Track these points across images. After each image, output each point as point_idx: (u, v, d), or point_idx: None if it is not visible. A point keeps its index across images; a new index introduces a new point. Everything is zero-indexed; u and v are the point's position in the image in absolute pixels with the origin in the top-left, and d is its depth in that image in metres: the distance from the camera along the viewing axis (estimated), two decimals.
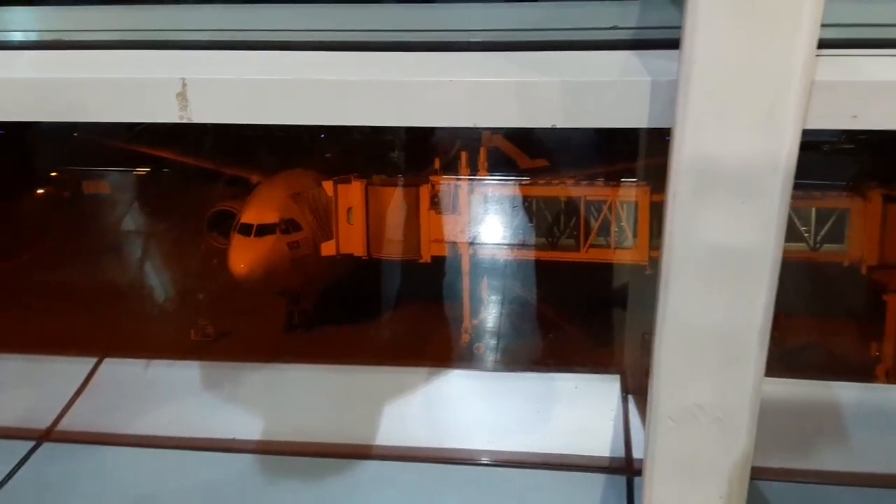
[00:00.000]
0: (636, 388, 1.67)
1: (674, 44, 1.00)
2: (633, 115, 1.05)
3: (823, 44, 0.98)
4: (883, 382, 2.51)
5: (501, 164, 2.94)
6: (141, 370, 1.84)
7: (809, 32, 0.93)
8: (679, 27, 0.98)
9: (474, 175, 2.82)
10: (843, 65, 1.03)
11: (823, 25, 0.95)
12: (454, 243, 2.82)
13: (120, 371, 1.84)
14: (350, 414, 1.78)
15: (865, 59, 1.06)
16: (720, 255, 1.03)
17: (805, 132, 1.02)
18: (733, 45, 0.93)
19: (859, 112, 1.02)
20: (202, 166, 3.13)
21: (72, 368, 1.82)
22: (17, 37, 1.25)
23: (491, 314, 2.94)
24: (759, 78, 0.94)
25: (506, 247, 2.84)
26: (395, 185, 2.80)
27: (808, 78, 0.96)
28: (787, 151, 0.97)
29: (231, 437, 1.67)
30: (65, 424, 1.72)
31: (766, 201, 1.00)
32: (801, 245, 2.58)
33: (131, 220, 3.34)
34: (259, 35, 1.19)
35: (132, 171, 3.36)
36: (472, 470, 1.61)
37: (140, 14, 1.26)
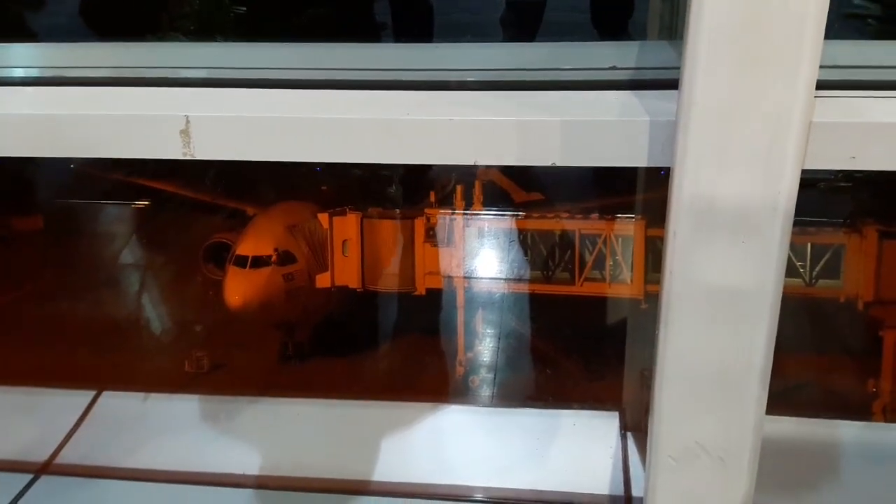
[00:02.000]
0: (635, 425, 1.66)
1: (672, 84, 1.01)
2: (632, 155, 1.06)
3: (822, 85, 0.99)
4: (880, 419, 2.51)
5: (497, 198, 2.96)
6: (139, 403, 1.83)
7: (808, 74, 0.94)
8: (677, 68, 0.99)
9: (469, 208, 2.84)
10: (841, 106, 1.04)
11: (822, 67, 0.96)
12: (449, 276, 2.83)
13: (118, 404, 1.83)
14: (345, 449, 1.77)
15: (864, 100, 1.07)
16: (720, 294, 1.03)
17: (803, 171, 1.03)
18: (732, 86, 0.94)
19: (857, 153, 1.03)
20: (198, 199, 3.14)
21: (70, 401, 1.81)
22: (20, 73, 1.25)
23: (486, 348, 2.94)
24: (758, 119, 0.95)
25: (501, 280, 2.85)
26: (391, 217, 2.82)
27: (806, 119, 0.97)
28: (786, 192, 0.98)
29: (228, 471, 1.66)
30: (63, 457, 1.71)
31: (766, 241, 1.00)
32: (798, 281, 2.60)
33: (129, 253, 3.34)
34: (262, 73, 1.20)
35: (129, 203, 3.37)
36: None
37: (143, 51, 1.27)
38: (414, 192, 3.01)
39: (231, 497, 1.61)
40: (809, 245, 2.61)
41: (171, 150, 1.09)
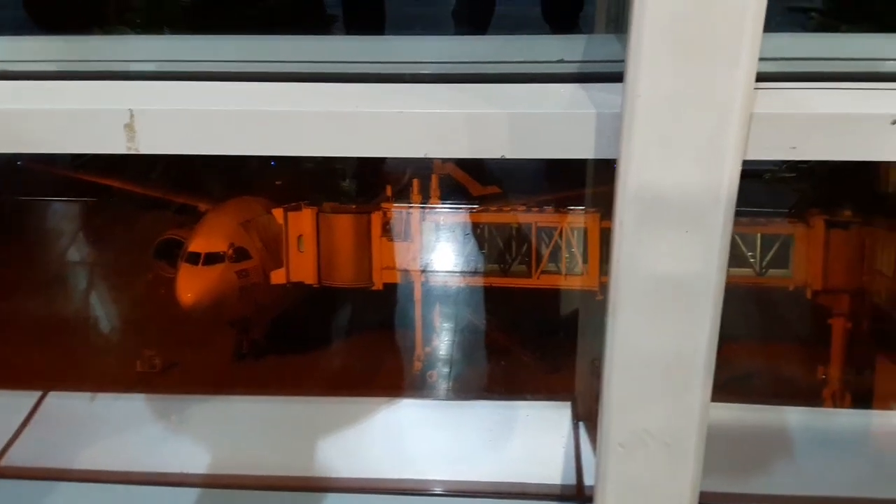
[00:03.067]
0: (587, 415, 1.68)
1: (619, 77, 1.02)
2: (579, 147, 1.07)
3: (763, 77, 1.01)
4: (829, 405, 2.56)
5: (453, 192, 2.96)
6: (86, 403, 1.80)
7: (748, 66, 0.96)
8: (623, 60, 1.01)
9: (426, 202, 2.83)
10: (781, 97, 1.07)
11: (763, 59, 0.98)
12: (406, 271, 2.82)
13: (65, 405, 1.80)
14: (301, 445, 1.76)
15: (804, 91, 1.09)
16: (665, 283, 1.05)
17: (747, 162, 1.05)
18: (674, 78, 0.96)
19: (798, 143, 1.05)
20: (149, 194, 3.09)
21: (15, 402, 1.78)
22: None
23: (444, 342, 2.94)
24: (700, 111, 0.97)
25: (458, 274, 2.85)
26: (347, 212, 2.80)
27: (747, 110, 0.99)
28: (727, 182, 1.00)
29: (179, 470, 1.65)
30: (9, 459, 1.68)
31: (709, 230, 1.02)
32: (748, 270, 2.64)
33: (77, 251, 3.28)
34: (209, 66, 1.19)
35: (78, 200, 3.31)
36: (423, 500, 1.60)
37: (88, 44, 1.25)
38: (370, 186, 3.00)
39: (184, 497, 1.60)
40: (759, 235, 2.64)
41: (116, 144, 1.07)
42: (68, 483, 1.60)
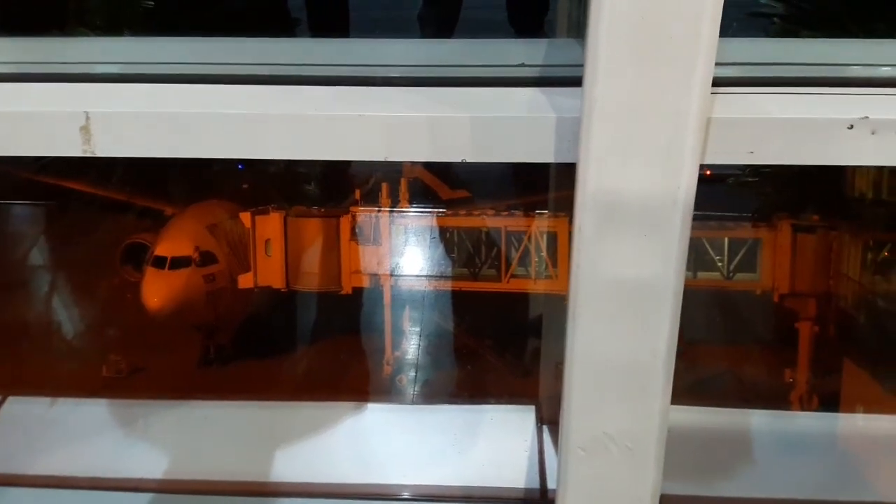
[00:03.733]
0: (551, 418, 1.68)
1: (579, 81, 1.03)
2: (539, 151, 1.07)
3: (720, 82, 1.02)
4: (797, 408, 2.59)
5: (422, 196, 2.95)
6: (46, 408, 1.78)
7: (705, 71, 0.96)
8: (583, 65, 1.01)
9: (395, 206, 2.83)
10: (738, 102, 1.07)
11: (720, 64, 0.98)
12: (375, 275, 2.81)
13: (24, 409, 1.78)
14: (267, 451, 1.75)
15: (760, 96, 1.10)
16: (624, 286, 1.05)
17: (711, 166, 1.06)
18: (631, 83, 0.96)
19: (755, 148, 1.06)
20: (114, 198, 3.06)
21: None
22: None
23: (412, 346, 2.94)
24: (657, 115, 0.97)
25: (427, 278, 2.85)
26: (315, 216, 2.79)
27: (704, 115, 0.99)
28: (685, 186, 1.00)
29: (142, 475, 1.63)
30: None
31: (667, 234, 1.02)
32: (715, 274, 2.66)
33: (39, 255, 3.23)
34: (166, 68, 1.18)
35: (40, 203, 3.26)
36: None
37: (44, 46, 1.24)
38: (337, 189, 2.99)
39: (146, 502, 1.58)
40: (726, 240, 2.67)
41: (71, 147, 1.06)
42: (26, 489, 1.58)
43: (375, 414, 1.80)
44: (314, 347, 3.12)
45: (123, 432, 1.75)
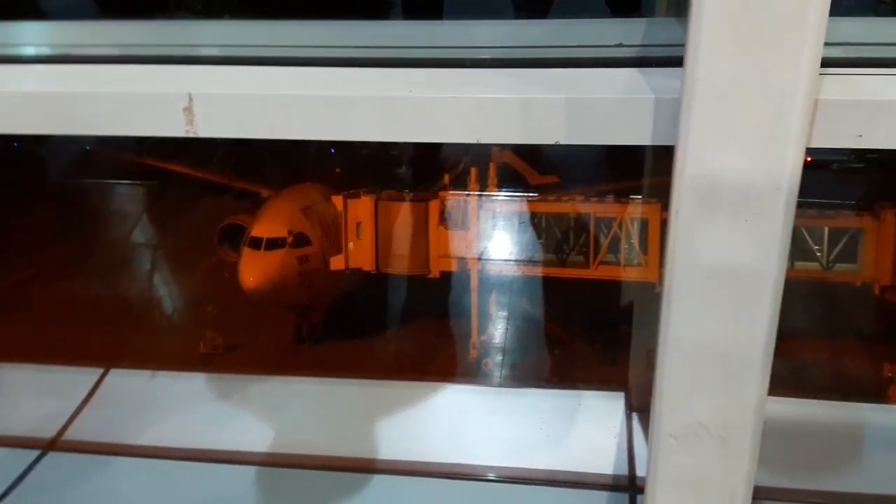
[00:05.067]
0: (641, 406, 1.66)
1: (678, 62, 1.00)
2: (636, 133, 1.05)
3: (828, 62, 0.98)
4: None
5: (511, 181, 2.94)
6: (146, 381, 1.85)
7: (813, 51, 0.93)
8: (683, 45, 0.98)
9: (484, 191, 2.82)
10: (847, 84, 1.03)
11: (827, 44, 0.95)
12: (463, 259, 2.82)
13: (126, 382, 1.85)
14: (356, 427, 1.78)
15: (870, 77, 1.06)
16: (723, 273, 1.03)
17: (813, 151, 1.02)
18: (736, 63, 0.93)
19: (864, 131, 1.02)
20: (213, 180, 3.15)
21: (78, 378, 1.83)
22: (27, 51, 1.26)
23: (499, 330, 2.94)
24: (762, 96, 0.94)
25: (515, 263, 2.84)
26: (405, 200, 2.81)
27: (811, 97, 0.96)
28: (790, 170, 0.97)
29: (236, 448, 1.68)
30: (70, 434, 1.73)
31: (769, 220, 0.99)
32: (814, 265, 2.57)
33: (141, 233, 3.36)
34: (267, 51, 1.20)
35: (143, 183, 3.39)
36: (477, 485, 1.60)
37: (148, 29, 1.28)
38: (427, 174, 3.00)
39: (239, 474, 1.63)
40: (826, 229, 2.58)
41: (175, 128, 1.09)
42: (127, 458, 1.65)
43: (464, 395, 1.81)
44: (402, 329, 3.15)
45: (220, 405, 1.80)
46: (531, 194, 2.83)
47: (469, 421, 1.76)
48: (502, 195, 2.83)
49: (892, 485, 1.53)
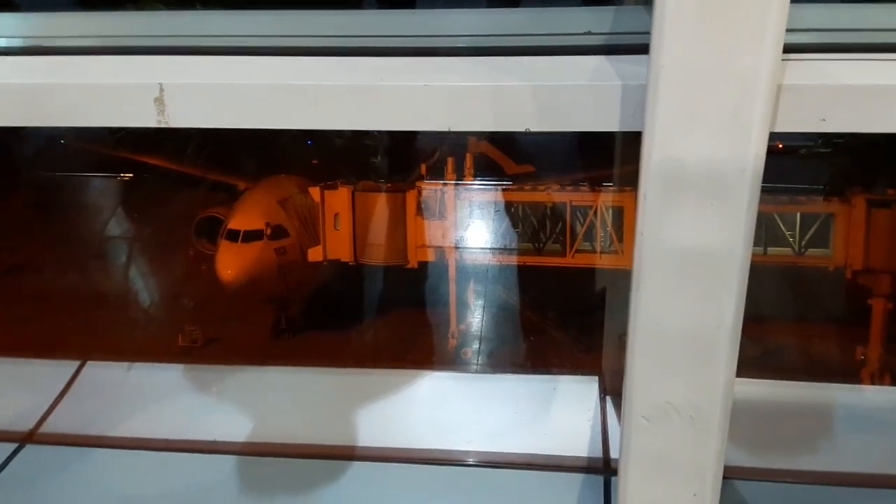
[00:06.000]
0: (614, 389, 1.68)
1: (646, 49, 1.02)
2: (604, 119, 1.07)
3: (790, 48, 1.00)
4: (868, 385, 2.53)
5: (488, 170, 2.96)
6: (123, 373, 1.84)
7: (775, 37, 0.95)
8: (650, 32, 1.00)
9: (460, 181, 2.84)
10: (809, 69, 1.05)
11: (789, 30, 0.96)
12: (441, 248, 2.83)
13: (103, 374, 1.84)
14: (335, 416, 1.78)
15: (832, 62, 1.07)
16: (690, 256, 1.05)
17: (781, 137, 1.04)
18: (700, 49, 0.95)
19: (827, 115, 1.04)
20: (189, 172, 3.15)
21: (55, 371, 1.83)
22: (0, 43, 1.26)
23: (476, 318, 2.96)
24: (726, 82, 0.96)
25: (492, 251, 2.85)
26: (382, 190, 2.82)
27: (774, 82, 0.97)
28: (753, 154, 0.99)
29: (214, 438, 1.68)
30: (48, 427, 1.72)
31: (734, 203, 1.01)
32: (787, 250, 2.61)
33: (117, 226, 3.34)
34: (236, 41, 1.20)
35: (118, 176, 3.37)
36: (456, 470, 1.62)
37: (119, 20, 1.27)
38: (404, 164, 3.01)
39: (220, 464, 1.63)
40: (798, 215, 2.61)
41: (146, 118, 1.10)
42: (106, 450, 1.65)
43: (442, 382, 1.81)
44: (381, 319, 3.16)
45: (198, 396, 1.80)
46: (507, 183, 2.85)
47: (447, 407, 1.77)
48: (479, 185, 2.85)
49: (861, 462, 1.56)
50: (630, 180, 2.36)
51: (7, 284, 3.07)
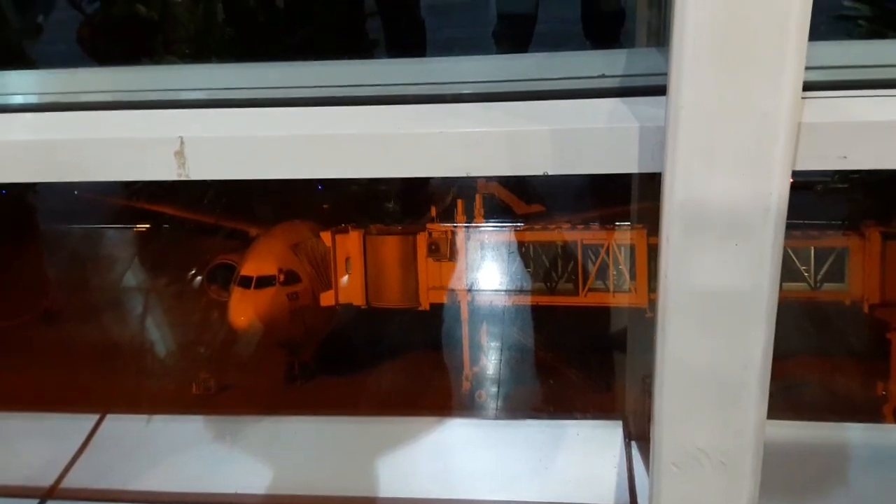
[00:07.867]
0: (638, 434, 1.66)
1: (661, 90, 1.02)
2: (622, 161, 1.07)
3: (811, 86, 1.00)
4: (890, 422, 2.49)
5: (498, 211, 2.96)
6: (143, 425, 1.83)
7: (794, 75, 0.95)
8: (665, 73, 1.00)
9: (471, 222, 2.84)
10: (829, 106, 1.05)
11: (809, 68, 0.96)
12: (453, 290, 2.82)
13: (122, 427, 1.83)
14: (353, 465, 1.77)
15: (853, 100, 1.07)
16: (715, 297, 1.03)
17: (797, 173, 1.03)
18: (718, 89, 0.95)
19: (848, 153, 1.03)
20: (200, 220, 3.16)
21: (74, 425, 1.82)
22: (17, 100, 1.27)
23: (491, 361, 2.93)
24: (746, 121, 0.96)
25: (505, 293, 2.84)
26: (393, 233, 2.82)
27: (794, 120, 0.97)
28: (776, 193, 0.98)
29: (234, 490, 1.66)
30: (68, 481, 1.71)
31: (759, 243, 1.00)
32: (802, 285, 2.59)
33: (132, 277, 3.35)
34: (255, 93, 1.21)
35: (131, 227, 3.39)
36: None
37: (138, 75, 1.29)
38: (415, 207, 3.02)
39: None
40: (813, 249, 2.60)
41: (167, 171, 1.10)
42: None
43: (459, 429, 1.80)
44: (394, 363, 3.14)
45: (215, 447, 1.79)
46: (518, 224, 2.85)
47: (466, 455, 1.75)
48: (489, 226, 2.85)
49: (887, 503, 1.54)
50: (640, 218, 2.37)
51: (24, 337, 3.07)
